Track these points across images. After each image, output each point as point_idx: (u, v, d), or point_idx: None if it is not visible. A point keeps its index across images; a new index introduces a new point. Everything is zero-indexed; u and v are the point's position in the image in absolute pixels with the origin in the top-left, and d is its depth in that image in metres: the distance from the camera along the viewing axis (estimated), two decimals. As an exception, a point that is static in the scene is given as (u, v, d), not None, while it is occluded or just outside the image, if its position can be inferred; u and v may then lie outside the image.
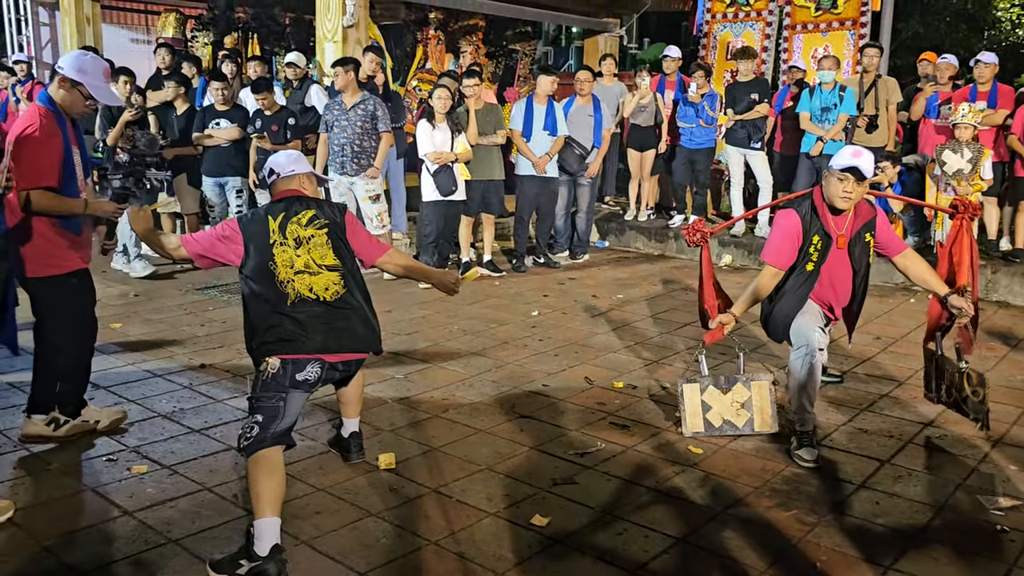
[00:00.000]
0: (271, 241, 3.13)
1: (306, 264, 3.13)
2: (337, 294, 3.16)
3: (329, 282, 3.15)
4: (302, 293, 3.10)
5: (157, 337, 5.52)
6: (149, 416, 4.17)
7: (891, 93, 7.81)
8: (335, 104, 6.94)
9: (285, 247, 3.13)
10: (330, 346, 3.10)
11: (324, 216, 3.24)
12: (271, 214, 3.19)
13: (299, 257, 3.13)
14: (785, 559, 2.95)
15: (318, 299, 3.12)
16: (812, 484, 3.53)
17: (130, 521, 3.14)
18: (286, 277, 3.10)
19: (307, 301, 3.10)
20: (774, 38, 10.15)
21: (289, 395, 3.04)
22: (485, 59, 11.51)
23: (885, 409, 4.41)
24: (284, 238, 3.14)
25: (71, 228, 3.68)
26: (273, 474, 2.88)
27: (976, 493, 3.44)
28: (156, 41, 10.96)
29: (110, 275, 7.28)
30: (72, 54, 3.73)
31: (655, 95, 8.79)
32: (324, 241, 3.19)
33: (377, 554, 2.93)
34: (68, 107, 3.63)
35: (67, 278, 3.68)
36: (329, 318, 3.12)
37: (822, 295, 4.00)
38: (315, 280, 3.13)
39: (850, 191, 3.71)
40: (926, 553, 3.00)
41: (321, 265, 3.15)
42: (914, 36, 12.79)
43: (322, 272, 3.15)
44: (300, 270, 3.12)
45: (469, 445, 3.87)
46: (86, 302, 3.86)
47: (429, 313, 6.23)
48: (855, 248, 3.90)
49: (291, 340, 3.05)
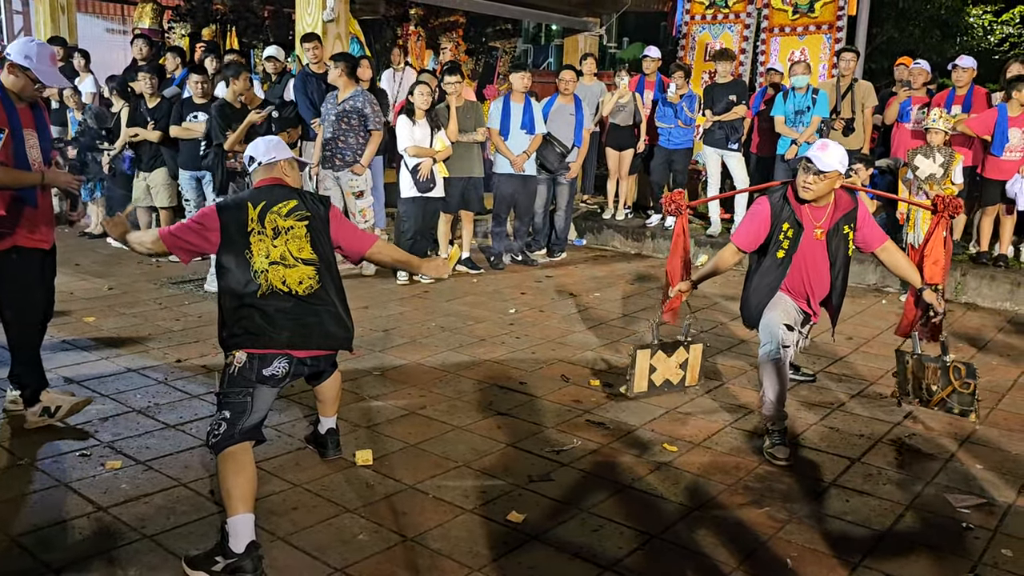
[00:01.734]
0: (248, 229, 3.07)
1: (282, 255, 3.08)
2: (311, 288, 3.10)
3: (304, 275, 3.10)
4: (274, 285, 3.05)
5: (132, 332, 5.47)
6: (123, 411, 4.14)
7: (867, 97, 7.91)
8: (331, 97, 6.94)
9: (262, 236, 3.07)
10: (297, 342, 3.06)
11: (306, 208, 3.18)
12: (251, 201, 3.13)
13: (275, 248, 3.08)
14: (757, 556, 2.99)
15: (290, 292, 3.06)
16: (784, 482, 3.58)
17: (104, 517, 3.12)
18: (260, 267, 3.05)
19: (278, 294, 3.05)
20: (752, 40, 10.23)
21: (256, 390, 3.01)
22: (465, 56, 11.51)
23: (856, 409, 4.47)
24: (262, 227, 3.08)
25: (28, 201, 3.73)
26: (243, 471, 2.86)
27: (943, 491, 3.51)
28: (132, 32, 10.84)
29: (84, 268, 7.21)
30: (19, 41, 3.82)
31: (634, 95, 8.83)
32: (303, 234, 3.13)
33: (354, 550, 2.94)
34: (19, 91, 3.72)
35: (7, 253, 3.70)
36: (299, 313, 3.07)
37: (797, 286, 4.05)
38: (289, 273, 3.08)
39: (810, 182, 3.82)
40: (895, 550, 3.06)
41: (297, 258, 3.10)
42: (889, 41, 12.93)
43: (297, 265, 3.09)
44: (275, 261, 3.06)
45: (446, 442, 3.89)
46: (29, 280, 3.82)
47: (406, 310, 6.23)
48: (833, 239, 3.95)
49: (258, 334, 3.00)
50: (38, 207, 3.79)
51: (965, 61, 7.41)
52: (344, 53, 7.15)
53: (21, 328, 3.88)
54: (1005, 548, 3.06)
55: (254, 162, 3.29)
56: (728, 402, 4.51)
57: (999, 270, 7.00)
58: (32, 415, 3.88)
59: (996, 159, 6.94)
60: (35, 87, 3.74)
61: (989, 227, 7.24)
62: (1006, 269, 7.01)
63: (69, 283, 6.58)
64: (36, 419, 3.87)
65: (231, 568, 2.73)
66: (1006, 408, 4.53)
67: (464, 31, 11.85)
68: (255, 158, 3.29)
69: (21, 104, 3.74)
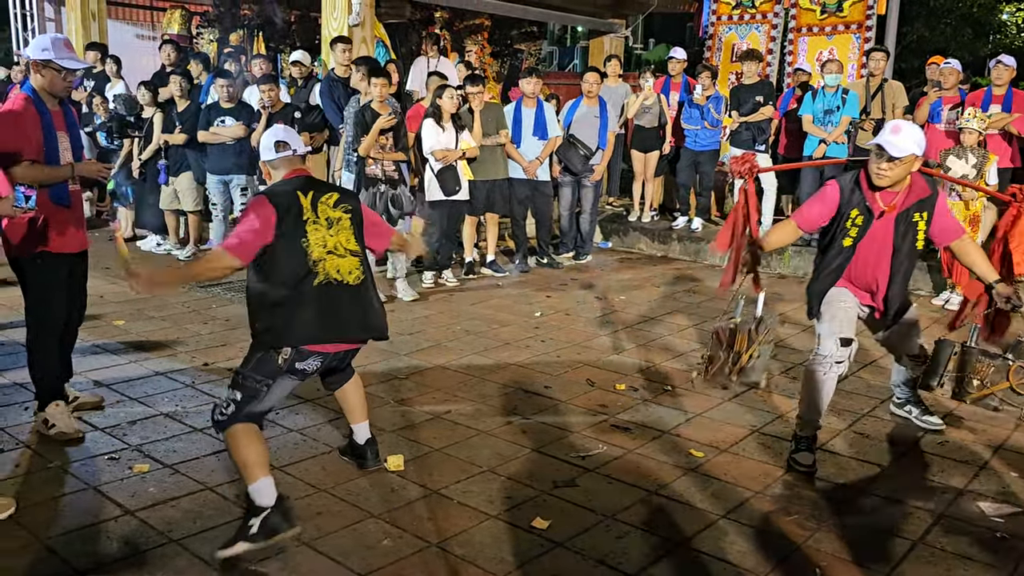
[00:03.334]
0: (304, 218, 3.08)
1: (336, 245, 3.13)
2: (359, 279, 3.18)
3: (353, 266, 3.17)
4: (331, 274, 3.09)
5: (160, 335, 5.53)
6: (151, 415, 4.18)
7: (897, 97, 7.80)
8: (354, 101, 6.95)
9: (318, 225, 3.10)
10: (347, 332, 3.15)
11: (347, 202, 3.25)
12: (301, 191, 3.14)
13: (331, 237, 3.13)
14: (786, 564, 2.95)
15: (343, 282, 3.12)
16: (813, 489, 3.53)
17: (131, 520, 3.14)
18: (319, 256, 3.08)
19: (332, 284, 3.10)
20: (779, 40, 10.14)
21: (277, 381, 3.05)
22: (490, 59, 11.51)
23: (887, 415, 4.40)
24: (317, 216, 3.11)
25: (61, 201, 3.77)
26: (253, 442, 2.95)
27: (977, 499, 3.44)
28: (161, 37, 10.97)
29: (114, 271, 7.30)
30: (33, 40, 3.93)
31: (659, 96, 8.78)
32: (348, 225, 3.19)
33: (378, 556, 2.94)
34: (49, 88, 3.76)
35: (32, 258, 3.75)
36: (353, 302, 3.15)
37: (861, 277, 3.83)
38: (342, 263, 3.14)
39: (884, 169, 3.55)
40: (925, 559, 3.00)
41: (347, 249, 3.16)
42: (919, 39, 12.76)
43: (347, 256, 3.16)
44: (331, 250, 3.12)
45: (470, 447, 3.88)
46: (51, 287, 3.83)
47: (432, 313, 6.24)
48: (901, 225, 3.71)
49: (307, 328, 3.03)
50: (71, 207, 3.84)
51: (1007, 59, 7.25)
52: (366, 56, 7.18)
53: (39, 333, 3.87)
54: (1041, 559, 3.00)
55: (287, 148, 3.25)
56: (756, 407, 4.46)
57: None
58: (38, 420, 3.88)
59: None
60: (64, 79, 3.76)
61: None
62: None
63: (99, 286, 6.66)
64: (39, 425, 3.87)
65: (266, 525, 2.83)
66: (1041, 414, 4.43)
67: (489, 34, 11.85)
68: (290, 145, 3.27)
69: (54, 107, 3.79)
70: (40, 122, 3.69)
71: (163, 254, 8.24)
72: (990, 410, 4.03)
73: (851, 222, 3.73)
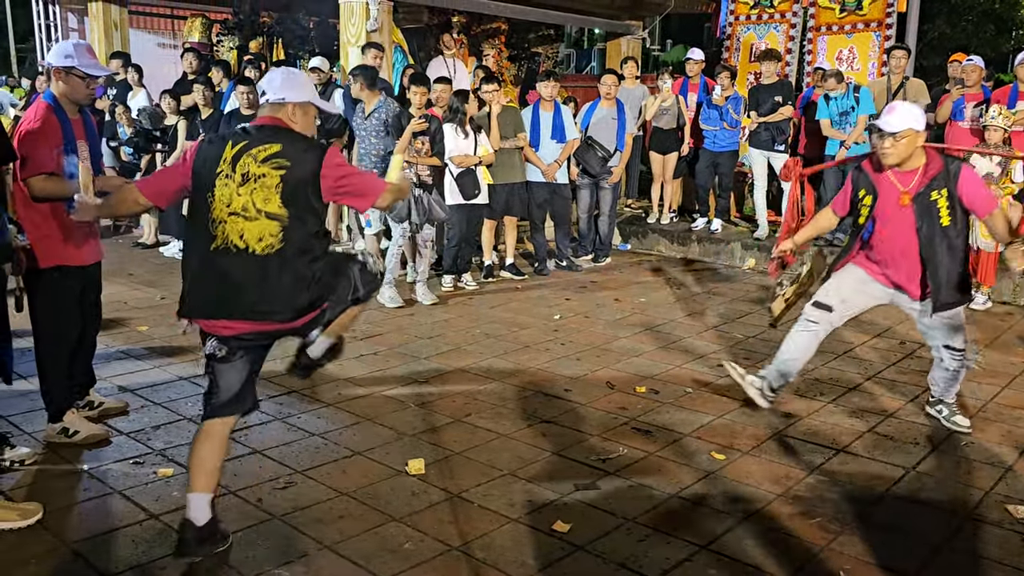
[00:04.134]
0: (217, 171, 2.76)
1: (244, 206, 2.73)
2: (269, 248, 2.73)
3: (264, 232, 2.73)
4: (230, 239, 2.74)
5: (183, 340, 5.56)
6: (175, 419, 4.22)
7: (919, 95, 7.72)
8: (359, 110, 7.00)
9: (229, 180, 2.75)
10: (230, 310, 2.77)
11: (288, 156, 2.76)
12: (232, 140, 2.82)
13: (239, 196, 2.73)
14: (809, 568, 2.93)
15: (245, 249, 2.73)
16: (836, 492, 3.50)
17: (156, 524, 3.18)
18: (219, 215, 2.75)
19: (230, 251, 2.74)
20: (798, 40, 10.07)
21: (215, 367, 2.87)
22: (508, 62, 11.52)
23: (910, 416, 4.36)
24: (232, 171, 2.75)
25: None
26: (202, 444, 2.89)
27: (1003, 502, 3.40)
28: (183, 46, 11.08)
29: (137, 277, 7.37)
30: (54, 47, 3.84)
31: (677, 97, 8.76)
32: (275, 183, 2.73)
33: (400, 559, 2.95)
34: (71, 95, 3.73)
35: (49, 271, 3.71)
36: (247, 275, 2.74)
37: (883, 258, 3.94)
38: (249, 226, 2.73)
39: (886, 147, 3.72)
40: (951, 562, 2.97)
41: (260, 210, 2.73)
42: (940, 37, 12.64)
43: (259, 219, 2.73)
44: (236, 211, 2.73)
45: (491, 450, 3.88)
46: (66, 301, 3.81)
47: (451, 317, 6.25)
48: (918, 206, 3.74)
49: (192, 298, 2.82)
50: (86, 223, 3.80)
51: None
52: (362, 66, 7.16)
53: (52, 348, 3.84)
54: (1070, 562, 2.95)
55: (263, 96, 2.92)
56: (777, 408, 4.43)
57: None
58: (51, 430, 3.87)
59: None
60: (87, 86, 3.73)
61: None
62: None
63: (123, 293, 6.73)
64: (54, 435, 3.86)
65: None
66: (1069, 415, 4.37)
67: (506, 37, 11.87)
68: (264, 92, 2.91)
69: (74, 115, 3.77)
70: (61, 132, 3.66)
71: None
72: None
73: (861, 203, 3.95)
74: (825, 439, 4.04)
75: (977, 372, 5.00)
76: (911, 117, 3.69)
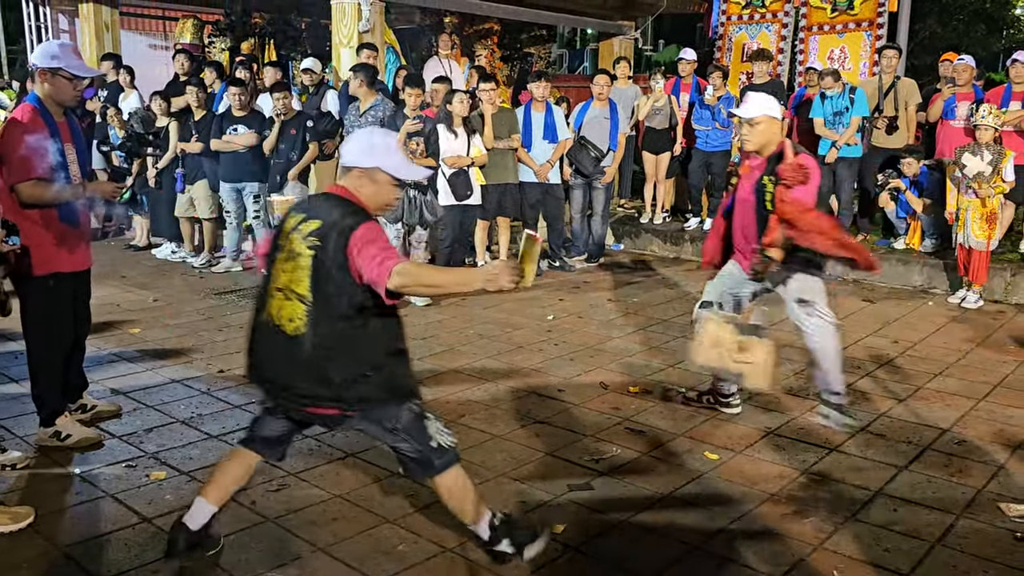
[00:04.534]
0: (280, 243, 2.71)
1: (287, 284, 2.64)
2: (297, 331, 2.61)
3: (294, 314, 2.61)
4: (271, 313, 2.68)
5: (176, 343, 5.56)
6: (167, 422, 4.21)
7: (910, 94, 7.76)
8: (353, 108, 6.99)
9: (283, 256, 2.67)
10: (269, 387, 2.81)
11: (321, 235, 2.57)
12: (298, 209, 2.73)
13: (283, 273, 2.65)
14: (802, 567, 2.93)
15: (278, 327, 2.65)
16: (829, 492, 3.51)
17: (149, 528, 3.16)
18: (270, 289, 2.70)
19: (270, 326, 2.68)
20: (790, 39, 10.10)
21: (261, 408, 2.96)
22: (500, 63, 11.52)
23: (903, 415, 4.37)
24: (287, 244, 2.66)
25: (69, 220, 3.69)
26: (229, 462, 2.92)
27: (995, 500, 3.41)
28: (174, 47, 11.04)
29: (130, 279, 7.35)
30: (39, 48, 3.77)
31: (669, 97, 8.77)
32: (306, 265, 2.59)
33: (394, 561, 2.95)
34: (56, 97, 3.67)
35: (44, 279, 3.66)
36: (280, 355, 2.67)
37: (740, 243, 4.14)
38: (285, 306, 2.64)
39: (745, 133, 4.01)
40: (943, 561, 2.98)
41: (294, 293, 2.62)
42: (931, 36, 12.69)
43: (292, 300, 2.62)
44: (281, 287, 2.66)
45: (484, 451, 3.88)
46: (60, 309, 3.78)
47: (445, 318, 6.25)
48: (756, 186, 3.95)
49: (247, 358, 2.84)
50: (80, 225, 3.79)
51: (1023, 56, 7.21)
52: (363, 64, 7.18)
53: (43, 353, 3.80)
54: (1061, 559, 2.97)
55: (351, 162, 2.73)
56: (770, 408, 4.44)
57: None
58: (43, 434, 3.85)
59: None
60: (74, 88, 3.69)
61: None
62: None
63: (115, 295, 6.71)
64: (46, 439, 3.83)
65: None
66: (1060, 413, 4.39)
67: (499, 38, 11.87)
68: (346, 158, 2.72)
69: (59, 117, 3.72)
70: (48, 135, 3.59)
71: (178, 261, 8.30)
72: None
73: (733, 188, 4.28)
74: (818, 438, 4.04)
75: (969, 371, 5.02)
76: (766, 105, 3.93)
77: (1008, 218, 7.26)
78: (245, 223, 7.87)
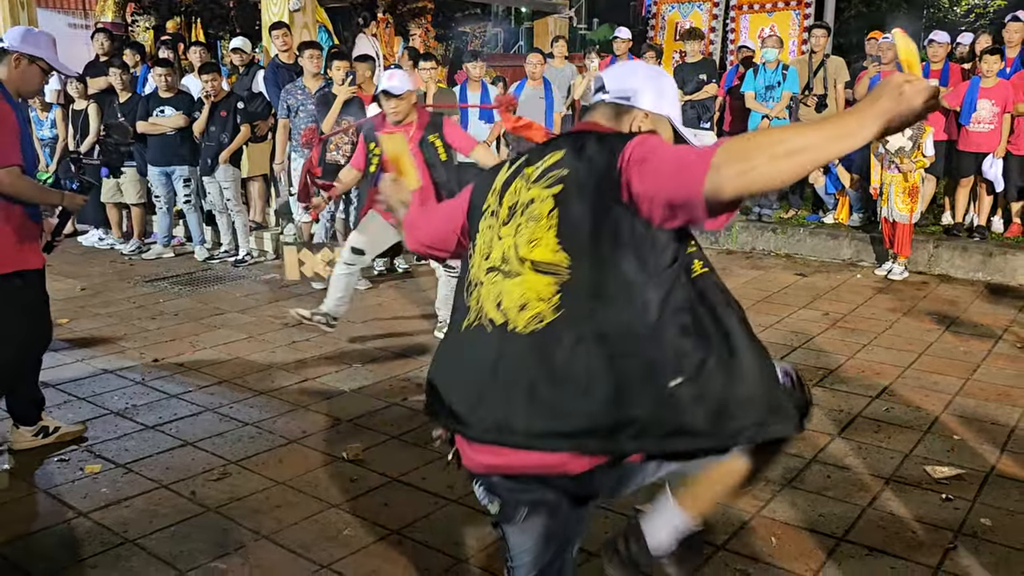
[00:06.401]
0: (483, 207, 1.80)
1: (504, 255, 1.68)
2: (540, 320, 1.58)
3: (527, 296, 1.61)
4: (484, 310, 1.68)
5: (107, 332, 5.40)
6: (101, 414, 4.10)
7: (839, 73, 7.95)
8: (297, 88, 6.81)
9: (494, 219, 1.75)
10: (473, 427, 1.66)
11: (569, 164, 1.65)
12: (511, 161, 1.82)
13: (500, 240, 1.71)
14: (741, 535, 3.01)
15: (504, 325, 1.63)
16: (766, 460, 3.60)
17: (85, 522, 3.08)
18: (475, 277, 1.74)
19: (484, 329, 1.66)
20: (721, 19, 10.24)
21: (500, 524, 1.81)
22: (435, 42, 11.42)
23: (834, 384, 4.52)
24: (499, 203, 1.75)
25: (35, 218, 3.52)
26: None
27: (922, 463, 3.56)
28: (94, 26, 10.64)
29: (56, 268, 7.09)
30: (18, 30, 3.51)
31: (605, 77, 8.81)
32: (547, 209, 1.63)
33: (339, 546, 2.93)
34: (21, 85, 3.46)
35: (9, 278, 3.44)
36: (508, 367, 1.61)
37: None
38: (508, 287, 1.64)
39: (393, 107, 4.61)
40: (875, 523, 3.09)
41: (524, 259, 1.64)
42: (857, 15, 13.02)
43: (520, 275, 1.63)
44: (494, 265, 1.70)
45: (428, 432, 3.86)
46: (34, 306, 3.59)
47: (384, 300, 6.20)
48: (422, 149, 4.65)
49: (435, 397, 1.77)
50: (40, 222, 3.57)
51: (940, 36, 7.45)
52: (313, 41, 7.06)
53: (20, 354, 3.56)
54: (984, 518, 3.11)
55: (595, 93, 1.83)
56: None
57: (972, 241, 7.08)
58: (25, 433, 3.68)
59: (967, 131, 7.01)
60: (42, 81, 3.51)
61: (964, 199, 7.33)
62: (982, 240, 7.08)
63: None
64: (27, 440, 3.67)
65: None
66: (981, 378, 4.59)
67: (433, 17, 11.76)
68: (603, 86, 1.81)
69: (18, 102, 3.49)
70: (17, 119, 3.35)
71: (106, 248, 8.04)
72: None
73: (372, 154, 4.78)
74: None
75: (896, 340, 5.21)
76: (409, 81, 4.66)
77: (929, 192, 7.52)
78: (176, 207, 7.66)
